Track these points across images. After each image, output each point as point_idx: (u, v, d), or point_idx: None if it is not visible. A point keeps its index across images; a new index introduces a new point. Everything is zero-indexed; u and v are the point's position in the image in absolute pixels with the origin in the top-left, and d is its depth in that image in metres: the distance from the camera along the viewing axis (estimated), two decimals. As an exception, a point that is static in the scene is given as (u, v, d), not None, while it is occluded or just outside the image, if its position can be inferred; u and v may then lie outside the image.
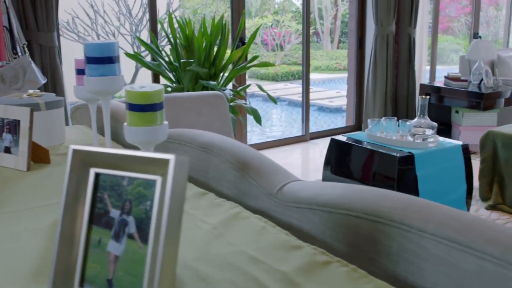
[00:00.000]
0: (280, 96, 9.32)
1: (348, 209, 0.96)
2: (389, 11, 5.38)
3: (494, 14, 12.78)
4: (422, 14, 5.87)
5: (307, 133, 5.45)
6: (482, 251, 0.74)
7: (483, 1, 13.58)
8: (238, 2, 4.75)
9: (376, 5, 5.34)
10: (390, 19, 5.43)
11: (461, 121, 5.12)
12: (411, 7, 5.54)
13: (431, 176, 2.86)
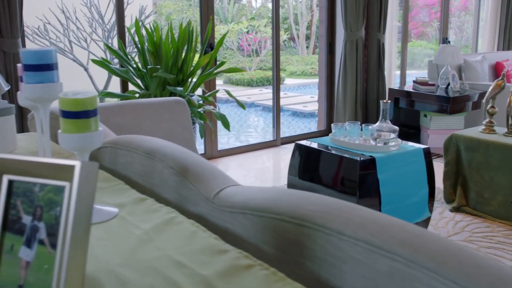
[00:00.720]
0: (255, 101, 9.34)
1: (275, 213, 0.97)
2: (358, 17, 5.44)
3: (466, 19, 12.96)
4: (391, 20, 5.94)
5: (278, 138, 5.47)
6: (394, 253, 0.76)
7: (456, 7, 13.79)
8: (207, 7, 4.75)
9: (345, 10, 5.40)
10: (359, 24, 5.49)
11: (429, 124, 5.18)
12: (379, 13, 5.61)
13: (393, 179, 2.89)
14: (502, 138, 3.47)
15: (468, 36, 12.85)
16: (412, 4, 14.37)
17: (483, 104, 3.72)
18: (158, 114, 2.59)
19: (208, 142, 4.96)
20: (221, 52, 14.09)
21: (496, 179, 3.44)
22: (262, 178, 4.48)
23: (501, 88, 3.59)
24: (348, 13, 5.39)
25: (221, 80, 11.95)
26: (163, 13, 14.87)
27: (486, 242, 3.15)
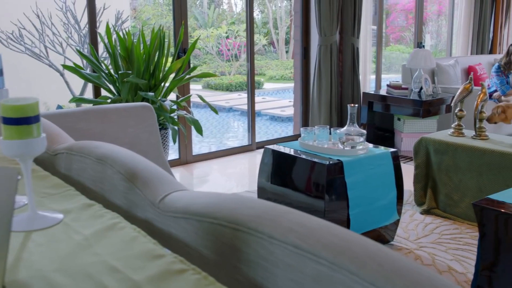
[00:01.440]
0: (233, 106, 9.35)
1: (213, 218, 0.98)
2: (331, 22, 5.48)
3: (443, 24, 13.12)
4: (365, 24, 5.99)
5: (254, 142, 5.48)
6: (319, 256, 0.76)
7: (433, 11, 13.93)
8: (180, 12, 4.75)
9: (319, 15, 5.43)
10: (333, 29, 5.52)
11: (403, 128, 5.23)
12: (353, 17, 5.65)
13: (361, 182, 2.91)
14: (470, 141, 3.51)
15: (445, 40, 13.01)
16: (390, 9, 14.51)
17: (452, 107, 3.77)
18: (123, 120, 2.58)
19: (183, 147, 4.95)
20: (201, 57, 14.09)
21: (464, 181, 3.48)
22: (236, 182, 4.48)
23: (468, 91, 3.64)
24: (322, 18, 5.43)
25: (200, 85, 11.95)
26: (142, 18, 14.84)
27: (454, 243, 3.18)
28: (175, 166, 4.91)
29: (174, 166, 4.90)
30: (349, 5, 5.61)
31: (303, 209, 2.93)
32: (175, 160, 4.93)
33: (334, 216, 2.85)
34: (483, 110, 3.58)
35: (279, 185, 3.09)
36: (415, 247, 3.14)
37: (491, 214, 2.19)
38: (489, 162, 3.34)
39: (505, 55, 5.68)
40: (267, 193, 3.19)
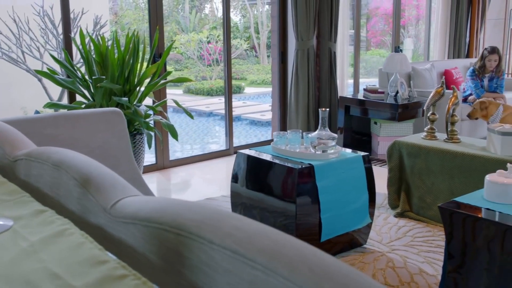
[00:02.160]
0: (214, 110, 9.35)
1: (158, 223, 0.98)
2: (308, 26, 5.50)
3: (423, 28, 13.23)
4: (342, 29, 6.03)
5: (231, 147, 5.48)
6: (254, 261, 0.77)
7: (413, 16, 14.06)
8: (156, 17, 4.75)
9: (296, 20, 5.45)
10: (310, 33, 5.55)
11: (379, 131, 5.26)
12: (330, 22, 5.68)
13: (332, 186, 2.93)
14: (442, 144, 3.55)
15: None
16: (371, 14, 14.62)
17: (424, 111, 3.80)
18: (93, 125, 2.57)
19: (159, 152, 4.93)
20: (183, 62, 14.07)
21: (436, 184, 3.51)
22: (213, 187, 4.47)
23: (440, 95, 3.68)
24: (299, 23, 5.45)
25: (181, 90, 11.93)
26: (123, 23, 14.79)
27: (426, 246, 3.21)
28: (152, 171, 4.89)
29: (150, 171, 4.88)
30: (326, 10, 5.64)
31: (275, 213, 2.94)
32: (151, 165, 4.92)
33: (306, 220, 2.86)
34: (455, 113, 3.62)
35: (251, 189, 3.09)
36: (387, 250, 3.16)
37: (457, 216, 2.21)
38: (460, 165, 3.38)
39: (479, 59, 5.75)
40: (240, 198, 3.19)
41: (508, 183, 2.27)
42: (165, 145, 4.94)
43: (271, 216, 2.96)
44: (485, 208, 2.24)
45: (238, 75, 13.30)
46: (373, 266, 2.94)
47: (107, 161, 2.58)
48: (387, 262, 2.99)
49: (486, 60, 5.65)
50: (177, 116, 9.26)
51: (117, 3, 15.06)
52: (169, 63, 14.28)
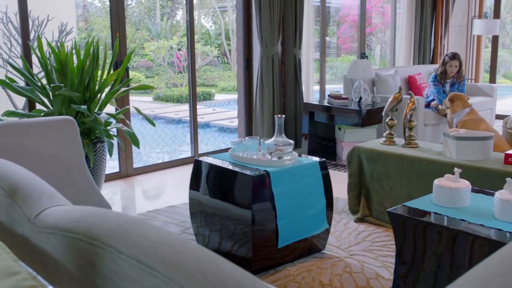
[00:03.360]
0: (183, 117, 9.32)
1: (75, 233, 0.97)
2: (273, 33, 5.53)
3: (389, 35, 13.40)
4: (307, 36, 6.07)
5: (196, 154, 5.46)
6: (155, 269, 0.76)
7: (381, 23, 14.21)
8: (117, 24, 4.72)
9: (260, 27, 5.48)
10: (274, 40, 5.58)
11: (343, 137, 5.30)
12: (294, 29, 5.72)
13: (289, 192, 2.93)
14: (400, 149, 3.59)
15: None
16: (341, 20, 14.75)
17: (383, 116, 3.84)
18: (44, 133, 2.54)
19: (123, 160, 4.89)
20: (154, 69, 14.01)
21: (395, 189, 3.55)
22: (175, 195, 4.45)
23: (398, 101, 3.72)
24: (263, 29, 5.48)
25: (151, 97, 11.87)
26: (94, 30, 14.68)
27: (384, 250, 3.23)
28: (115, 179, 4.85)
29: (114, 179, 4.84)
30: (290, 17, 5.68)
31: (235, 220, 2.93)
32: (115, 174, 4.88)
33: (262, 227, 2.86)
34: (412, 119, 3.66)
35: (209, 196, 3.09)
36: (345, 255, 3.18)
37: (404, 221, 2.24)
38: (417, 170, 3.42)
39: (440, 65, 5.85)
40: (198, 205, 3.18)
41: (456, 187, 2.31)
42: (129, 153, 4.90)
43: (232, 223, 2.96)
44: (433, 213, 2.27)
45: (209, 82, 13.29)
46: (330, 271, 2.96)
47: (59, 170, 2.56)
48: (345, 267, 3.01)
49: (447, 66, 5.74)
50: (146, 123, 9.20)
51: (87, 9, 14.96)
52: (139, 70, 14.21)
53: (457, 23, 8.01)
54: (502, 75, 17.75)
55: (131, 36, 14.74)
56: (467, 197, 2.32)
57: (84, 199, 2.62)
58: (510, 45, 18.22)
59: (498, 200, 2.15)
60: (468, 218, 2.18)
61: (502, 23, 18.09)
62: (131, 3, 16.10)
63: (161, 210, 4.01)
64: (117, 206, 4.21)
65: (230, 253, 3.02)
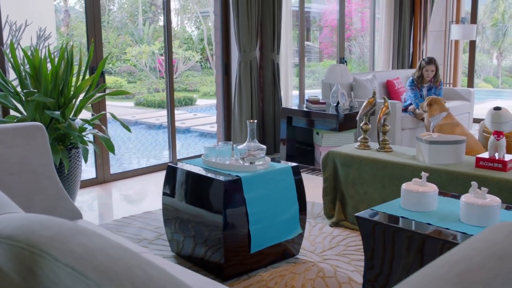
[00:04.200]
0: (164, 123, 9.29)
1: (17, 241, 0.95)
2: (251, 38, 5.54)
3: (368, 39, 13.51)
4: (286, 41, 6.08)
5: (175, 159, 5.45)
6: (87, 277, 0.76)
7: (361, 28, 14.30)
8: (93, 30, 4.69)
9: (238, 32, 5.48)
10: (252, 45, 5.58)
11: (321, 142, 5.32)
12: (272, 34, 5.74)
13: (261, 198, 2.93)
14: (374, 154, 3.61)
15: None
16: (323, 25, 14.82)
17: (357, 121, 3.86)
18: (11, 140, 2.51)
19: (99, 166, 4.86)
20: (136, 74, 13.96)
21: (369, 193, 3.56)
22: (151, 200, 4.43)
23: (372, 105, 3.75)
24: (241, 34, 5.48)
25: (132, 102, 11.82)
26: (76, 35, 14.60)
27: (358, 255, 3.24)
28: (92, 185, 4.82)
29: (90, 185, 4.81)
30: (268, 22, 5.69)
31: (205, 225, 2.92)
32: (91, 180, 4.84)
33: (234, 232, 2.85)
34: (386, 123, 3.68)
35: (182, 202, 3.07)
36: (319, 259, 3.18)
37: (372, 225, 2.24)
38: (391, 174, 3.44)
39: (417, 69, 5.90)
40: (172, 211, 3.17)
41: (423, 191, 2.33)
42: (105, 159, 4.87)
43: (205, 229, 2.95)
44: (400, 217, 2.28)
45: (191, 87, 13.26)
46: (303, 276, 2.96)
47: (27, 177, 2.53)
48: (318, 272, 3.01)
49: (423, 70, 5.79)
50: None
51: (68, 14, 14.89)
52: (122, 75, 14.16)
53: (435, 28, 8.09)
54: (482, 79, 17.95)
55: (113, 41, 14.68)
56: (434, 201, 2.34)
57: (54, 206, 2.59)
58: (490, 49, 18.44)
59: (463, 203, 2.17)
60: (434, 222, 2.19)
61: (482, 28, 18.33)
62: (113, 8, 16.04)
63: (137, 216, 3.99)
64: (93, 213, 4.18)
65: (203, 259, 3.01)
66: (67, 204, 2.66)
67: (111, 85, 12.89)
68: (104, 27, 15.27)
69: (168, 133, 5.50)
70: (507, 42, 17.42)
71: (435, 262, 0.99)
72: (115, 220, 3.91)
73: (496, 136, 3.20)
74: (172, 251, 3.29)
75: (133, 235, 3.61)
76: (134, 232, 3.66)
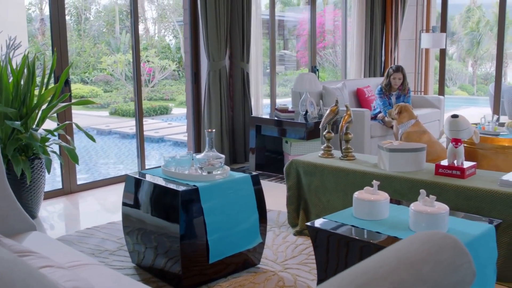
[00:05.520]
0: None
1: None
2: (220, 47, 5.54)
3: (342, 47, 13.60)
4: (256, 50, 6.09)
5: (144, 169, 5.41)
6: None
7: (335, 37, 14.38)
8: (59, 39, 4.65)
9: (207, 41, 5.48)
10: (221, 54, 5.58)
11: (290, 150, 5.32)
12: (242, 43, 5.74)
13: (219, 207, 2.91)
14: (336, 162, 3.61)
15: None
16: (298, 34, 14.90)
17: (320, 129, 3.87)
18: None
19: (66, 177, 4.81)
20: (113, 83, 13.89)
21: (332, 201, 3.57)
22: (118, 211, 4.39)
23: (335, 114, 3.76)
24: (210, 43, 5.48)
25: (107, 111, 11.73)
26: (50, 44, 14.47)
27: (319, 263, 3.24)
28: (58, 196, 4.76)
29: (56, 196, 4.75)
30: (237, 31, 5.70)
31: (162, 235, 2.90)
32: (58, 190, 4.78)
33: (192, 242, 2.83)
34: (349, 131, 3.70)
35: (140, 212, 3.05)
36: (280, 269, 3.17)
37: (321, 234, 2.24)
38: (353, 182, 3.44)
39: (385, 77, 5.94)
40: (131, 221, 3.14)
41: (375, 199, 2.33)
42: (72, 169, 4.82)
43: (165, 240, 2.92)
44: (350, 225, 2.28)
45: (167, 96, 13.21)
46: (263, 286, 2.95)
47: (-23, 189, 2.49)
48: (278, 282, 3.00)
49: (391, 78, 5.84)
50: (100, 138, 9.11)
51: (44, 23, 14.76)
52: (98, 84, 14.07)
53: (406, 37, 8.17)
54: (458, 87, 18.15)
55: (89, 50, 14.59)
56: (385, 209, 2.34)
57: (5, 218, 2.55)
58: (465, 58, 18.67)
59: (412, 211, 2.18)
60: (384, 230, 2.20)
61: (457, 36, 18.56)
62: (90, 17, 15.96)
63: (101, 227, 3.94)
64: (56, 224, 4.13)
65: (163, 270, 2.99)
66: (19, 216, 2.62)
67: (87, 95, 12.80)
68: (81, 35, 15.17)
69: (137, 142, 5.47)
70: (481, 51, 17.67)
71: (343, 273, 0.99)
72: (78, 232, 3.86)
73: (454, 143, 3.23)
74: (132, 262, 3.26)
75: (95, 246, 3.57)
76: (96, 243, 3.61)
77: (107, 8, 15.72)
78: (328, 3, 13.88)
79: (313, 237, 2.28)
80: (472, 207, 2.96)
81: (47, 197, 4.60)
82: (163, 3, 17.12)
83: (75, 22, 15.33)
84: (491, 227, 2.25)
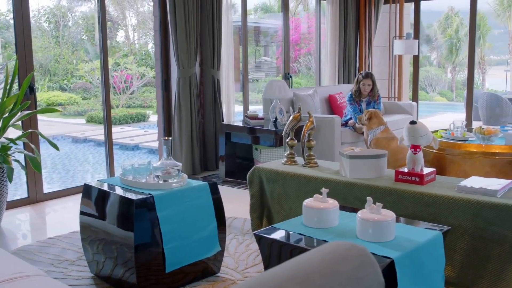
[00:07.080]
0: (114, 140, 9.18)
1: None
2: (189, 54, 5.52)
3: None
4: (227, 57, 6.08)
5: (113, 176, 5.36)
6: None
7: (313, 43, 14.44)
8: (23, 47, 4.61)
9: (177, 48, 5.46)
10: (191, 61, 5.57)
11: (260, 157, 5.31)
12: (212, 50, 5.73)
13: (176, 216, 2.89)
14: (299, 169, 3.60)
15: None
16: (280, 41, 14.92)
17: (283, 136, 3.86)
18: None
19: (32, 186, 4.75)
20: (92, 90, 13.81)
21: (294, 209, 3.55)
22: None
23: (297, 121, 3.75)
24: (179, 51, 5.46)
25: (84, 119, 11.65)
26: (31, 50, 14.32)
27: (280, 271, 3.22)
28: (23, 205, 4.70)
29: (22, 205, 4.69)
30: (208, 38, 5.69)
31: (119, 245, 2.86)
32: (23, 200, 4.72)
33: (147, 251, 2.81)
34: (311, 138, 3.69)
35: (97, 221, 3.01)
36: (240, 277, 3.15)
37: (268, 242, 2.23)
38: (314, 189, 3.43)
39: (355, 83, 5.96)
40: (89, 230, 3.10)
41: (324, 207, 2.32)
42: (38, 178, 4.76)
43: (121, 249, 2.89)
44: (298, 233, 2.27)
45: (146, 103, 13.16)
46: (220, 294, 2.93)
47: None
48: (236, 290, 2.97)
49: (360, 84, 5.86)
50: (75, 146, 9.04)
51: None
52: (77, 91, 13.97)
53: (380, 43, 8.21)
54: (437, 93, 18.30)
55: (68, 57, 14.50)
56: (335, 217, 2.34)
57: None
58: (444, 64, 18.84)
59: (358, 219, 2.18)
60: (331, 238, 2.19)
61: (437, 43, 18.73)
62: (69, 24, 15.88)
63: (63, 237, 3.90)
64: (18, 234, 4.08)
65: (121, 280, 2.95)
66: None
67: (65, 102, 12.70)
68: (59, 42, 15.07)
69: (106, 150, 5.42)
70: (460, 57, 17.84)
71: (236, 285, 0.97)
72: (39, 241, 3.81)
73: (413, 150, 3.24)
74: (91, 272, 3.22)
75: (54, 256, 3.52)
76: (56, 253, 3.57)
77: (86, 15, 15.65)
78: (310, 10, 13.94)
79: (259, 244, 2.27)
80: (430, 213, 2.97)
81: (11, 206, 4.54)
82: (143, 11, 17.08)
83: (53, 29, 15.25)
84: (439, 234, 2.25)
